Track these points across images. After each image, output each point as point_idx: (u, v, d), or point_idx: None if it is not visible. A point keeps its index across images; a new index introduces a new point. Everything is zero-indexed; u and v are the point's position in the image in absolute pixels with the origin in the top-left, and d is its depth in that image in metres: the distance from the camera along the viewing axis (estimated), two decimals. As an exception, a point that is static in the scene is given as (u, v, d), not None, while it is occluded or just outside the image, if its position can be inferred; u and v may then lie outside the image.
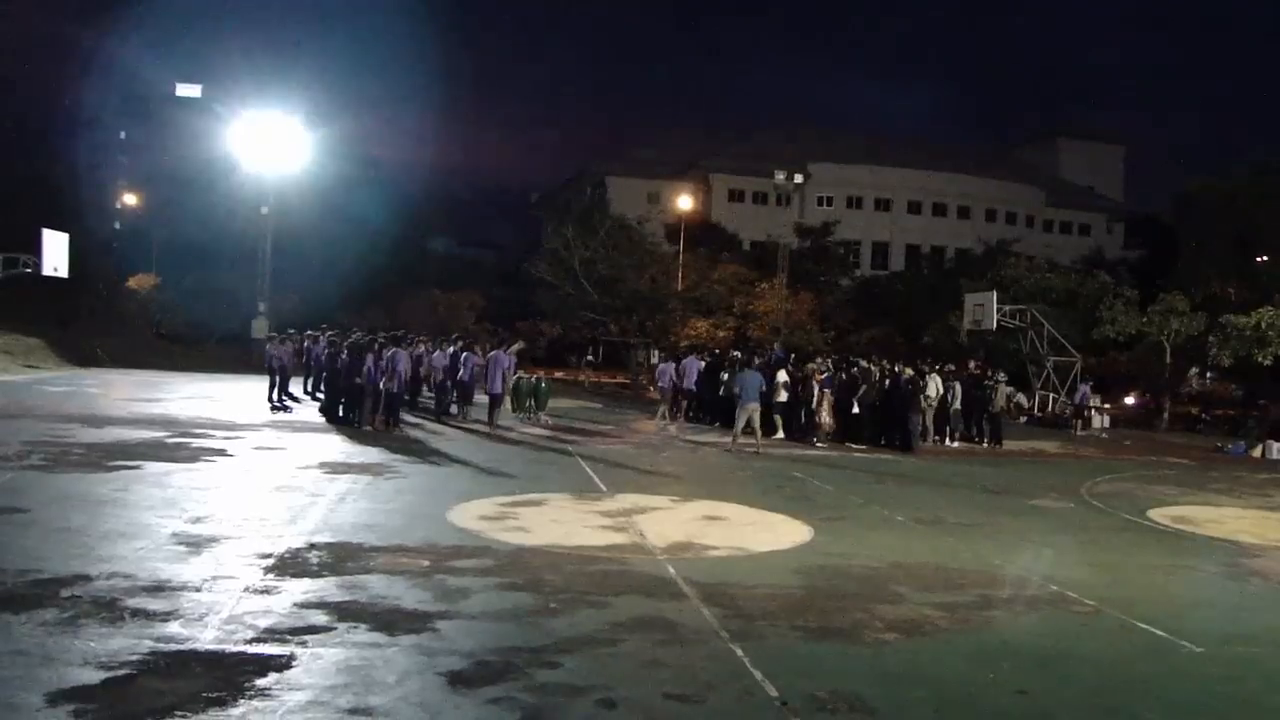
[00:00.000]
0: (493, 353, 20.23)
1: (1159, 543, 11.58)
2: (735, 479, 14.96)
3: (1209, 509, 14.34)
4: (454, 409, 21.55)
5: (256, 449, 14.98)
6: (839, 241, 58.29)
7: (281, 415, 20.31)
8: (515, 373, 21.19)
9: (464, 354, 21.49)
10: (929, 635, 7.00)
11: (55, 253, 30.37)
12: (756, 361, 22.31)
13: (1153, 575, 9.75)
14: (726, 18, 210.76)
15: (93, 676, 5.24)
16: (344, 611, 6.65)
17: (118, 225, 62.67)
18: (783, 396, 20.26)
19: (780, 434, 20.14)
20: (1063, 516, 13.12)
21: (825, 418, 19.71)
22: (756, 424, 18.25)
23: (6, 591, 6.70)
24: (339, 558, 8.17)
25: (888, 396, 19.91)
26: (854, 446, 19.49)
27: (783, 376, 20.36)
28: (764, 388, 18.91)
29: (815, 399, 19.85)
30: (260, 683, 5.29)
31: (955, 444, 21.16)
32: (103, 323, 40.04)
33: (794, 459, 17.38)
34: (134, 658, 5.54)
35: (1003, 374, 24.29)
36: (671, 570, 8.38)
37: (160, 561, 7.74)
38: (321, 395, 22.39)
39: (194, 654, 5.68)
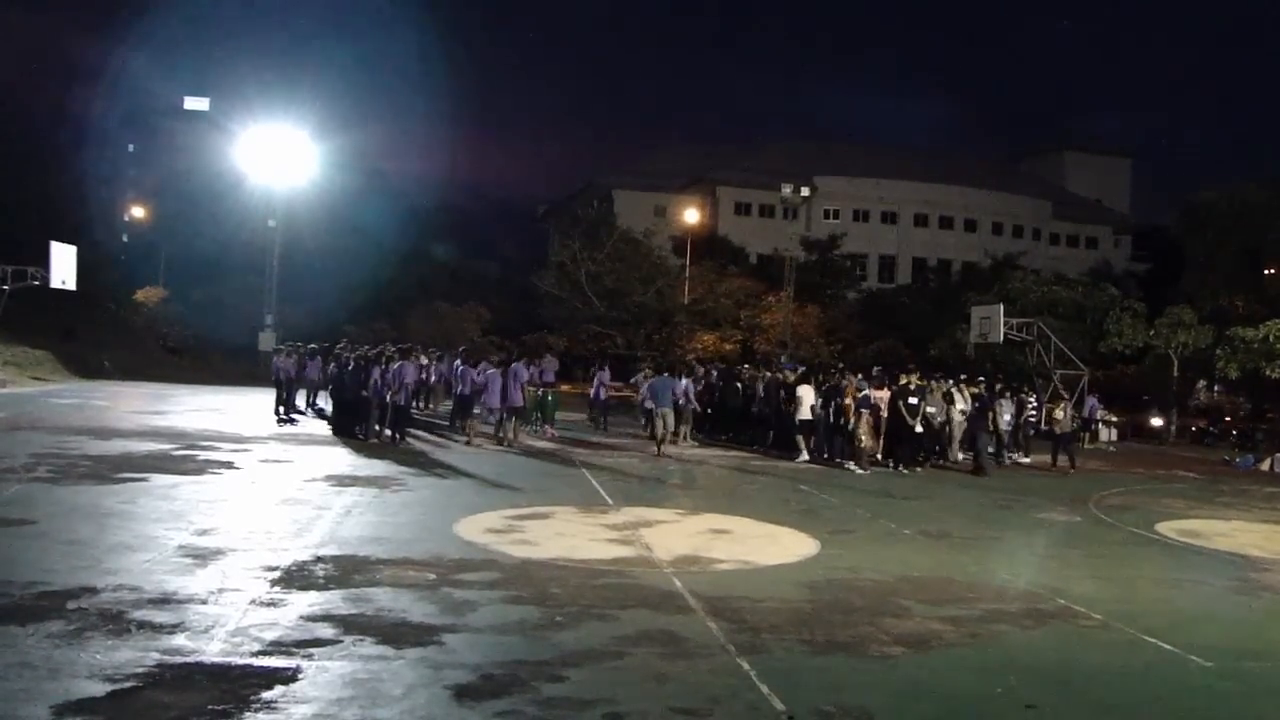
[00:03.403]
0: (513, 365, 20.19)
1: (1167, 556, 11.54)
2: (741, 492, 14.94)
3: (1217, 522, 14.27)
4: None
5: (263, 461, 15.00)
6: (845, 255, 58.27)
7: (288, 428, 20.32)
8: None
9: (460, 366, 21.61)
10: (936, 649, 6.98)
11: (63, 265, 30.52)
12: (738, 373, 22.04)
13: (1161, 589, 9.71)
14: (733, 31, 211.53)
15: (99, 689, 5.25)
16: (350, 624, 6.64)
17: (125, 238, 63.01)
18: (805, 414, 18.65)
19: (805, 456, 18.55)
20: (1071, 530, 13.09)
21: (866, 440, 17.83)
22: (668, 427, 19.24)
23: (13, 603, 6.71)
24: (345, 570, 8.17)
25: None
26: (909, 469, 17.97)
27: (805, 391, 18.81)
28: (677, 393, 19.85)
29: (854, 420, 17.92)
30: (266, 695, 5.29)
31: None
32: (110, 335, 40.11)
33: (798, 472, 17.34)
34: (140, 670, 5.54)
35: (1061, 391, 22.40)
36: (678, 583, 8.37)
37: (166, 574, 7.74)
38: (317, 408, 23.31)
39: (200, 666, 5.68)
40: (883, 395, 18.43)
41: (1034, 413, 21.02)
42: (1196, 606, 9.22)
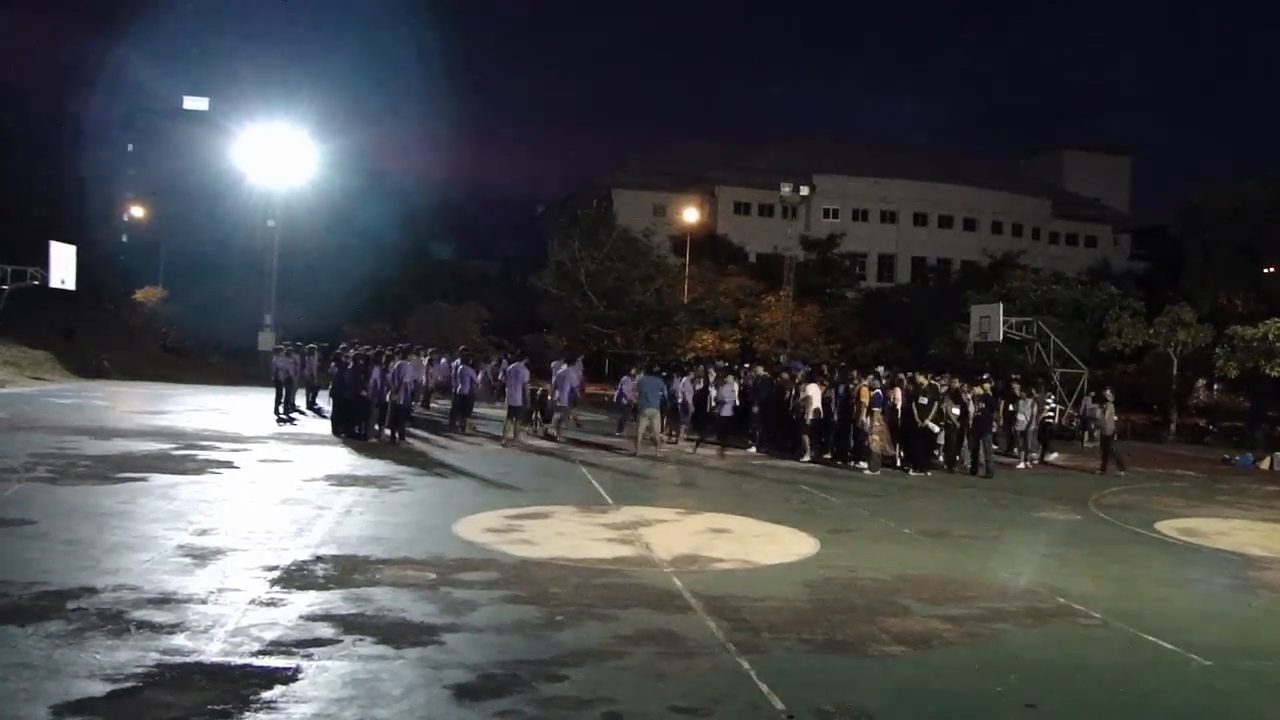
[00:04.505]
0: (512, 365, 20.17)
1: (1167, 555, 11.54)
2: (741, 491, 14.93)
3: (1217, 521, 14.29)
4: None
5: (263, 461, 14.99)
6: (845, 254, 58.22)
7: (287, 428, 20.31)
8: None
9: (460, 366, 21.65)
10: (936, 648, 6.98)
11: (62, 265, 30.48)
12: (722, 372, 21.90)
13: (1161, 588, 9.71)
14: (732, 30, 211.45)
15: (99, 689, 5.25)
16: (350, 624, 6.64)
17: (125, 238, 63.11)
18: (812, 414, 18.59)
19: (808, 457, 18.53)
20: (1070, 528, 13.09)
21: (876, 443, 17.48)
22: (657, 429, 18.69)
23: (12, 604, 6.71)
24: (345, 570, 8.17)
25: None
26: (921, 471, 17.64)
27: (812, 391, 18.67)
28: (665, 393, 19.04)
29: (869, 422, 17.59)
30: (266, 695, 5.29)
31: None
32: (109, 335, 40.09)
33: (798, 472, 17.34)
34: (140, 670, 5.54)
35: (1108, 393, 21.02)
36: (678, 583, 8.36)
37: (166, 574, 7.74)
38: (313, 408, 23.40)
39: (200, 666, 5.68)
40: (896, 394, 18.25)
41: (1051, 413, 20.80)
42: (1196, 605, 9.23)
